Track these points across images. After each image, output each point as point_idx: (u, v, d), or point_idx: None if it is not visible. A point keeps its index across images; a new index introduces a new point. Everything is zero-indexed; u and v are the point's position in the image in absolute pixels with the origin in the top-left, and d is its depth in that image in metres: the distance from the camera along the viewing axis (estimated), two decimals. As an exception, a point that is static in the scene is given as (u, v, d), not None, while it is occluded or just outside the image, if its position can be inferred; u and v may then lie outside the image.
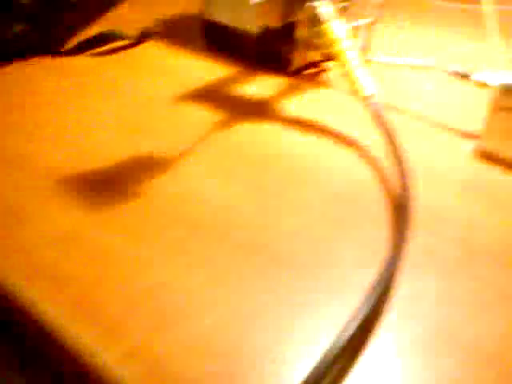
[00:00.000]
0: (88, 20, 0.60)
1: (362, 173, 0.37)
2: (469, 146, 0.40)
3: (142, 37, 0.55)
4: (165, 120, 0.42)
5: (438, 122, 0.43)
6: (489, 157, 0.38)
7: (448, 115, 0.44)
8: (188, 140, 0.40)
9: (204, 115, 0.43)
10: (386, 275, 0.27)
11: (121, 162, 0.37)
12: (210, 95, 0.46)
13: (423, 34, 0.60)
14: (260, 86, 0.48)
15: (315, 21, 0.38)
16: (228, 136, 0.41)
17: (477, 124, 0.39)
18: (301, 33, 0.47)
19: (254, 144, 0.40)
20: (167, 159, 0.38)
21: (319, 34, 0.38)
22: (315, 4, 0.38)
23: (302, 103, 0.45)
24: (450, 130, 0.42)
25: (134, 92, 0.46)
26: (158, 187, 0.35)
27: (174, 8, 0.63)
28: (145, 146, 0.39)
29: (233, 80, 0.49)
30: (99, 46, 0.54)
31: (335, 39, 0.38)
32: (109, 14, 0.63)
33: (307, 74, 0.50)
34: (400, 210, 0.31)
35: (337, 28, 0.38)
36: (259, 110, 0.45)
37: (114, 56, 0.52)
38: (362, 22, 0.48)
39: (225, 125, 0.42)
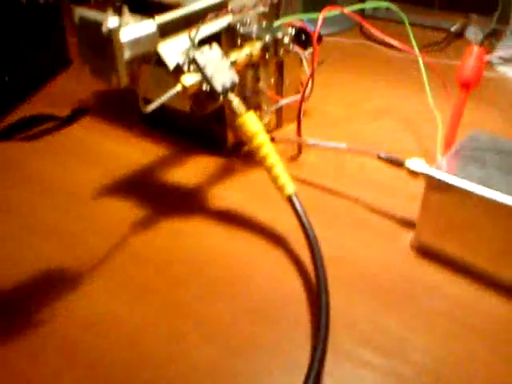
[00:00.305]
0: (22, 97, 0.57)
1: (286, 281, 0.34)
2: (407, 236, 0.37)
3: (74, 116, 0.53)
4: (83, 220, 0.40)
5: (376, 209, 0.40)
6: (425, 251, 0.35)
7: (389, 202, 0.40)
8: (105, 245, 0.37)
9: (126, 212, 0.40)
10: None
11: (23, 281, 0.34)
12: (137, 184, 0.44)
13: (366, 97, 0.57)
14: (192, 171, 0.45)
15: (233, 112, 0.36)
16: (147, 240, 0.38)
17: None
18: (229, 115, 0.44)
19: (174, 251, 0.37)
20: (78, 273, 0.35)
21: (237, 127, 0.36)
22: (229, 98, 0.35)
23: (231, 190, 0.43)
24: (390, 218, 0.39)
25: (55, 186, 0.43)
26: (62, 312, 0.32)
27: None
28: (54, 259, 0.36)
29: (163, 164, 0.46)
30: (28, 129, 0.51)
31: (252, 133, 0.35)
32: (46, 88, 0.60)
33: (244, 152, 0.48)
34: (318, 333, 0.28)
35: (253, 122, 0.35)
36: (186, 201, 0.42)
37: (41, 141, 0.50)
38: (292, 98, 0.45)
39: (147, 225, 0.39)
